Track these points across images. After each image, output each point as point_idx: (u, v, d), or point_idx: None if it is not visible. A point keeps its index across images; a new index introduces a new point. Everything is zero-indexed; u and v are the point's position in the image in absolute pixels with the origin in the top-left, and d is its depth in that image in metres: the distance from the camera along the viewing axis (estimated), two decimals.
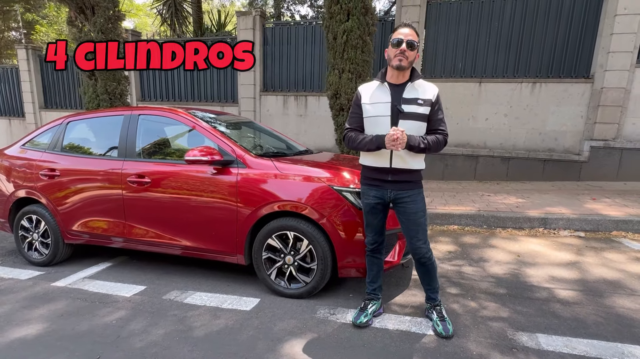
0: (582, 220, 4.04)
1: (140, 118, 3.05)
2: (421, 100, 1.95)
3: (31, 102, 9.23)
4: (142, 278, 3.00)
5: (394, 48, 1.92)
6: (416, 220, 2.03)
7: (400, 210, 2.06)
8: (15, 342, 2.11)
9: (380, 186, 2.07)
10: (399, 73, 1.97)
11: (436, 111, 1.99)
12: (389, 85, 2.00)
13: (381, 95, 2.01)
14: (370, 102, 2.04)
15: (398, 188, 2.03)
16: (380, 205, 2.10)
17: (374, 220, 2.14)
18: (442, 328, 2.06)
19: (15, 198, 3.34)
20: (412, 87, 1.98)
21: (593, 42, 5.75)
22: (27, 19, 13.06)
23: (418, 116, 1.95)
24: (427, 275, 2.16)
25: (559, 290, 2.62)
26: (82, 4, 5.42)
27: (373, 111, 2.02)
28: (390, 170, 2.02)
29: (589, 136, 5.84)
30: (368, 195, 2.13)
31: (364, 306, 2.24)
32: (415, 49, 1.93)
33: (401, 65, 1.91)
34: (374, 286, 2.26)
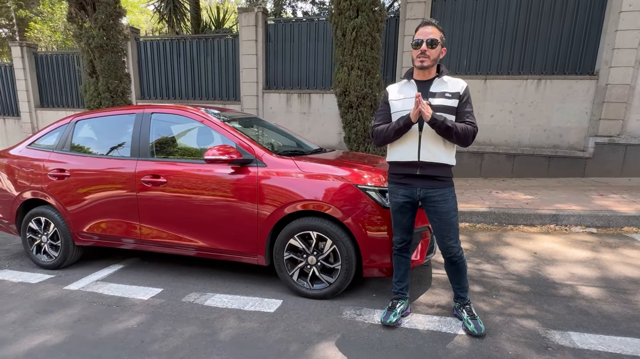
0: (593, 216, 4.06)
1: (153, 116, 2.98)
2: (449, 94, 1.93)
3: (26, 100, 9.02)
4: (157, 280, 2.94)
5: (415, 49, 1.93)
6: (448, 219, 2.00)
7: (431, 209, 2.03)
8: (35, 349, 2.04)
9: (409, 185, 2.04)
10: (424, 72, 1.98)
11: (464, 103, 1.96)
12: (416, 82, 2.01)
13: (408, 91, 2.01)
14: (397, 98, 2.05)
15: (427, 186, 2.00)
16: (409, 204, 2.07)
17: (402, 219, 2.11)
18: (474, 327, 2.04)
19: (23, 200, 3.25)
20: (439, 81, 1.98)
21: (598, 38, 5.77)
22: (20, 16, 12.77)
23: (446, 108, 1.93)
24: (457, 274, 2.14)
25: (583, 287, 2.61)
26: (82, 1, 5.29)
27: (400, 106, 2.02)
28: (419, 163, 1.98)
29: (594, 132, 5.87)
30: (396, 194, 2.09)
31: (392, 305, 2.21)
32: (437, 45, 1.91)
33: (423, 66, 1.93)
34: (401, 285, 2.23)
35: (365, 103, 4.71)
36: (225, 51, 7.59)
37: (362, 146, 4.85)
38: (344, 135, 5.03)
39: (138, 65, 8.10)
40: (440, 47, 1.93)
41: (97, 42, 5.32)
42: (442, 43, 1.94)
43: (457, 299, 2.21)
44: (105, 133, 3.21)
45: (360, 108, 4.71)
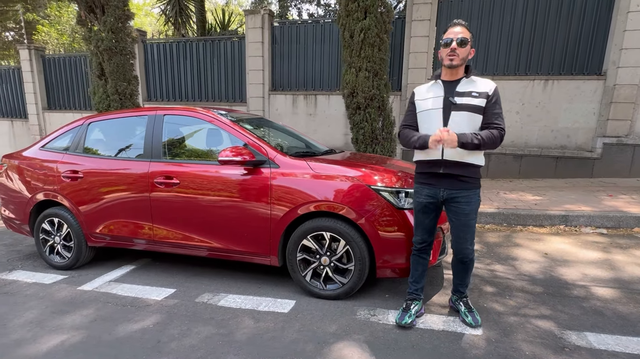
0: (603, 217, 4.04)
1: (165, 118, 3.00)
2: (476, 93, 1.92)
3: (34, 103, 9.10)
4: (170, 280, 2.96)
5: (445, 48, 1.93)
6: (467, 221, 2.01)
7: (452, 210, 2.04)
8: (54, 349, 2.06)
9: (433, 185, 2.05)
10: (452, 71, 1.98)
11: (492, 104, 1.94)
12: (443, 82, 2.02)
13: (435, 90, 2.03)
14: (423, 97, 2.07)
15: (451, 187, 2.00)
16: (433, 205, 2.08)
17: (425, 219, 2.12)
18: (471, 319, 2.12)
19: (36, 201, 3.28)
20: (467, 81, 1.97)
21: (605, 38, 5.75)
22: (27, 19, 12.89)
23: (472, 107, 1.92)
24: (463, 273, 2.17)
25: (596, 287, 2.60)
26: (92, 3, 5.34)
27: (425, 105, 2.04)
28: (442, 162, 1.98)
29: (602, 133, 5.85)
30: (420, 194, 2.11)
31: (407, 306, 2.22)
32: (467, 45, 1.92)
33: (452, 64, 1.92)
34: (417, 286, 2.24)
35: (373, 104, 4.72)
36: (232, 53, 7.63)
37: (370, 147, 4.85)
38: (352, 136, 5.04)
39: (145, 67, 8.16)
40: (469, 47, 1.93)
41: (106, 44, 5.37)
42: (471, 43, 1.95)
43: (456, 292, 2.26)
44: (118, 135, 3.24)
45: (368, 109, 4.72)
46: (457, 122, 1.94)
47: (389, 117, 4.91)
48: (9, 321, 2.39)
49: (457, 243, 2.08)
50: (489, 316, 2.24)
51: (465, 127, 1.93)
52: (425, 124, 2.06)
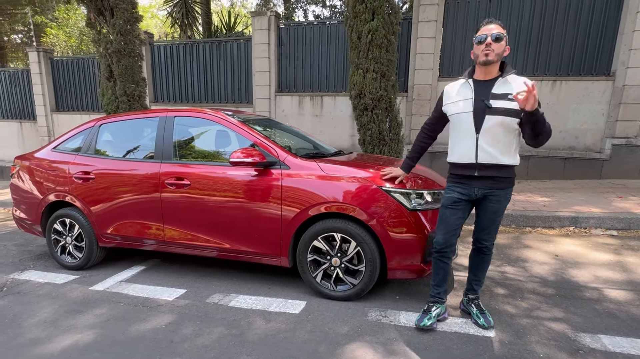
0: (613, 219, 4.01)
1: (176, 120, 3.03)
2: (512, 96, 1.83)
3: (43, 104, 9.20)
4: (180, 281, 2.97)
5: (479, 44, 1.88)
6: (494, 218, 2.02)
7: (481, 205, 2.03)
8: (69, 348, 2.08)
9: (467, 184, 2.01)
10: (486, 69, 1.91)
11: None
12: (474, 82, 1.95)
13: (464, 92, 1.97)
14: (452, 100, 2.03)
15: (486, 186, 1.96)
16: (464, 202, 2.02)
17: (451, 216, 2.04)
18: (483, 320, 2.10)
19: (48, 202, 3.32)
20: (503, 81, 1.88)
21: (614, 39, 5.71)
22: (36, 22, 13.06)
23: (508, 111, 1.83)
24: (481, 265, 2.17)
25: (609, 290, 2.58)
26: (101, 6, 5.39)
27: (455, 109, 2.00)
28: (476, 165, 1.94)
29: (611, 134, 5.81)
30: (453, 190, 2.06)
31: (428, 308, 2.19)
32: (502, 41, 1.85)
33: (488, 60, 1.85)
34: (438, 289, 2.20)
35: (381, 105, 4.72)
36: (238, 54, 7.66)
37: (377, 148, 4.85)
38: (359, 137, 5.04)
39: (152, 69, 8.22)
40: (504, 43, 1.87)
41: (114, 47, 5.42)
42: (506, 40, 1.88)
43: (469, 292, 2.24)
44: (129, 137, 3.27)
45: (376, 110, 4.72)
46: (490, 127, 1.87)
47: (396, 118, 4.90)
48: (23, 320, 2.41)
49: (478, 233, 2.09)
50: (501, 318, 2.23)
51: (499, 134, 1.87)
52: (457, 129, 2.01)
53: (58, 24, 13.95)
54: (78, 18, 13.90)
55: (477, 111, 1.90)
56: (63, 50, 12.59)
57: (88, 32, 11.47)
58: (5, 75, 9.68)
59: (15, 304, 2.65)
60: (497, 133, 1.88)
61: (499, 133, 1.88)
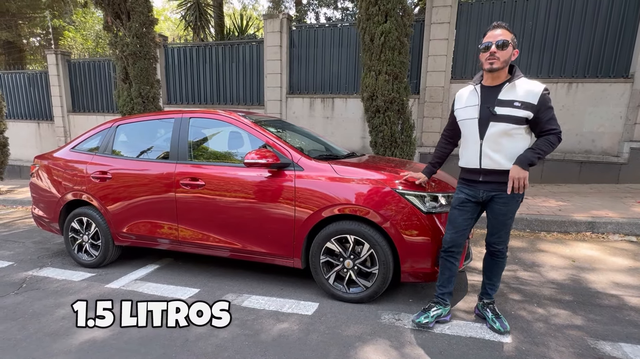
0: (632, 224, 3.91)
1: (191, 121, 3.07)
2: (518, 103, 1.84)
3: (60, 105, 9.41)
4: (194, 280, 3.00)
5: (484, 52, 1.89)
6: (504, 221, 2.02)
7: (490, 208, 2.05)
8: (85, 344, 2.12)
9: (474, 187, 2.06)
10: (493, 75, 1.93)
11: (544, 113, 1.85)
12: (482, 88, 1.98)
13: (471, 98, 2.02)
14: (461, 106, 2.08)
15: (492, 189, 2.00)
16: (471, 203, 2.06)
17: (459, 217, 2.09)
18: (499, 325, 2.08)
19: (66, 201, 3.39)
20: (509, 87, 1.88)
21: (633, 40, 5.58)
22: (54, 25, 13.42)
23: (511, 119, 1.84)
24: (495, 268, 2.16)
25: (628, 297, 2.52)
26: (118, 9, 5.51)
27: (463, 115, 2.06)
28: (481, 171, 1.99)
29: (629, 137, 5.67)
30: (461, 191, 2.12)
31: (428, 307, 2.20)
32: (508, 47, 1.85)
33: (492, 68, 1.88)
34: (443, 290, 2.20)
35: (393, 107, 4.71)
36: (250, 57, 7.73)
37: (389, 150, 4.83)
38: (370, 139, 5.04)
39: (165, 71, 8.35)
40: (511, 48, 1.86)
41: (130, 49, 5.53)
42: (513, 44, 1.87)
43: (484, 296, 2.23)
44: (145, 137, 3.33)
45: (388, 112, 4.71)
46: (493, 133, 1.89)
47: (408, 120, 4.88)
48: (42, 316, 2.47)
49: (490, 236, 2.09)
50: (517, 324, 2.20)
51: (503, 140, 1.88)
52: (464, 135, 2.10)
53: (75, 27, 14.29)
54: (95, 21, 14.23)
55: (482, 118, 1.93)
56: (80, 52, 12.89)
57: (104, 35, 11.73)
58: (24, 77, 9.95)
59: (34, 300, 2.72)
60: (500, 140, 1.89)
61: (503, 140, 1.90)
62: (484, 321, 2.22)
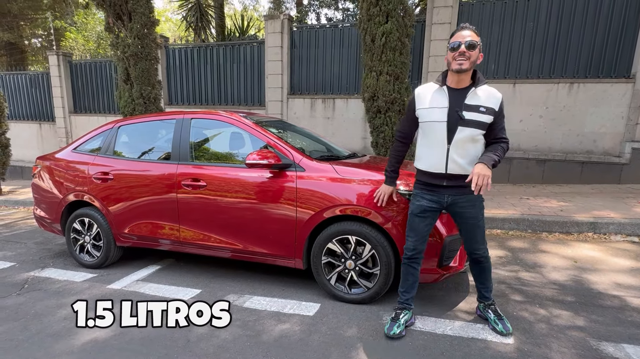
0: (634, 225, 3.90)
1: (193, 122, 3.07)
2: (483, 108, 1.87)
3: (61, 106, 9.44)
4: (195, 281, 3.01)
5: (453, 52, 1.86)
6: (476, 223, 2.01)
7: (458, 213, 2.03)
8: (87, 345, 2.12)
9: (437, 192, 2.01)
10: (459, 77, 1.90)
11: (500, 119, 1.92)
12: (449, 90, 1.93)
13: (439, 100, 1.94)
14: (426, 106, 1.97)
15: (455, 193, 1.98)
16: (433, 209, 2.03)
17: (420, 223, 2.06)
18: (501, 327, 2.06)
19: (68, 202, 3.40)
20: (475, 92, 1.90)
21: (634, 41, 5.57)
22: (55, 26, 13.46)
23: (478, 124, 1.87)
24: (483, 274, 2.15)
25: (630, 297, 2.51)
26: (119, 11, 5.52)
27: (429, 116, 1.96)
28: (446, 175, 1.96)
29: (630, 137, 5.66)
30: (422, 197, 2.06)
31: (396, 316, 2.16)
32: (476, 49, 1.85)
33: (462, 69, 1.84)
34: (407, 296, 2.18)
35: (394, 108, 4.71)
36: (251, 57, 7.74)
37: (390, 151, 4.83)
38: (372, 140, 5.04)
39: (166, 71, 8.37)
40: (478, 50, 1.87)
41: (132, 50, 5.54)
42: (480, 48, 1.88)
43: (482, 298, 2.21)
44: (147, 138, 3.33)
45: (389, 113, 4.71)
46: (461, 139, 1.89)
47: None
48: (44, 316, 2.47)
49: (469, 244, 2.08)
50: (519, 325, 2.19)
51: (469, 145, 1.91)
52: (428, 137, 1.99)
53: (77, 28, 14.33)
54: (96, 22, 14.27)
55: (450, 121, 1.89)
56: (81, 53, 12.93)
57: (106, 36, 11.76)
58: (26, 78, 9.98)
59: (36, 301, 2.72)
60: (466, 145, 1.90)
61: (469, 145, 1.91)
62: (485, 322, 2.22)
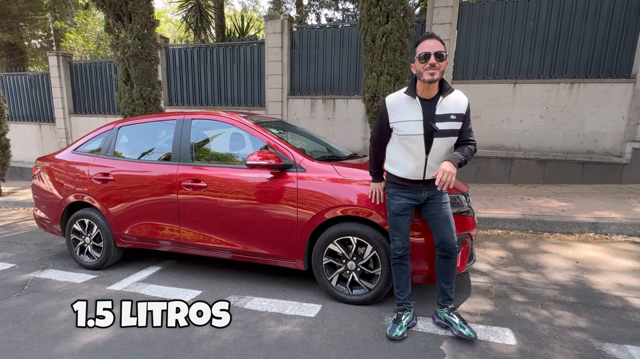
0: (635, 225, 3.89)
1: (193, 123, 3.06)
2: (454, 116, 1.93)
3: (61, 107, 9.43)
4: (195, 282, 3.00)
5: (422, 62, 1.86)
6: (448, 218, 2.07)
7: (430, 206, 2.08)
8: (88, 347, 2.11)
9: (414, 189, 2.08)
10: (429, 87, 1.92)
11: (467, 122, 1.99)
12: (420, 101, 1.94)
13: (413, 112, 1.95)
14: (400, 119, 1.98)
15: (431, 188, 2.06)
16: (412, 207, 2.10)
17: (403, 222, 2.10)
18: (469, 331, 2.01)
19: (68, 203, 3.39)
20: (443, 102, 1.94)
21: (635, 41, 5.57)
22: (55, 27, 13.45)
23: (452, 132, 1.94)
24: (451, 270, 2.13)
25: (633, 298, 2.50)
26: (119, 11, 5.51)
27: (406, 130, 1.97)
28: (424, 181, 2.05)
29: (631, 137, 5.65)
30: (400, 196, 2.10)
31: (397, 317, 2.15)
32: (444, 59, 1.87)
33: (433, 79, 1.86)
34: (404, 295, 2.20)
35: None
36: (251, 58, 7.74)
37: None
38: None
39: (166, 72, 8.36)
40: (445, 60, 1.90)
41: (132, 51, 5.53)
42: (446, 56, 1.91)
43: (446, 301, 2.15)
44: (147, 139, 3.32)
45: None
46: (438, 148, 1.97)
47: None
48: (44, 318, 2.47)
49: (441, 235, 2.07)
50: (521, 326, 2.19)
51: (444, 152, 1.98)
52: (405, 147, 2.02)
53: (77, 29, 14.32)
54: (96, 23, 14.26)
55: (426, 134, 1.94)
56: (81, 54, 12.93)
57: (106, 37, 11.76)
58: (25, 79, 9.97)
59: (36, 302, 2.71)
60: (442, 152, 1.99)
61: (444, 152, 1.99)
62: (490, 324, 2.20)
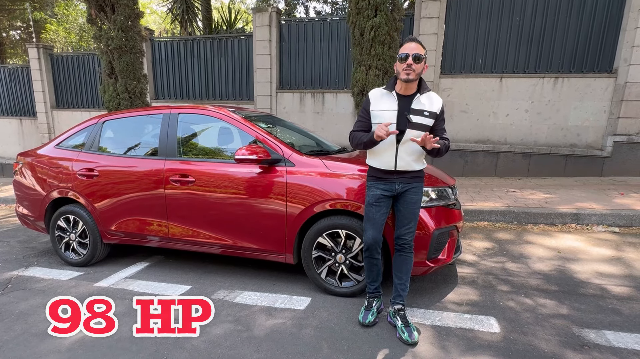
0: (615, 216, 4.02)
1: (180, 117, 3.02)
2: (427, 112, 2.04)
3: (43, 101, 9.16)
4: (185, 277, 2.98)
5: (401, 62, 1.98)
6: (413, 210, 2.13)
7: (401, 200, 2.14)
8: (75, 344, 2.09)
9: (388, 181, 2.14)
10: (407, 85, 2.03)
11: (440, 121, 2.12)
12: (397, 95, 2.06)
13: (389, 103, 2.08)
14: (378, 109, 2.10)
15: (405, 182, 2.13)
16: (386, 198, 2.15)
17: (376, 213, 2.13)
18: (407, 335, 1.99)
19: (52, 199, 3.32)
20: (419, 99, 2.05)
21: (617, 36, 5.70)
22: (35, 18, 12.99)
23: (423, 127, 2.04)
24: (405, 266, 2.16)
25: (611, 286, 2.60)
26: (102, 2, 5.37)
27: (380, 118, 2.09)
28: (395, 172, 2.11)
29: (612, 131, 5.81)
30: (375, 188, 2.16)
31: (369, 304, 2.25)
32: (422, 61, 1.97)
33: (409, 79, 1.97)
34: (375, 285, 2.27)
35: None
36: (239, 51, 7.64)
37: None
38: None
39: (152, 65, 8.19)
40: (424, 62, 2.00)
41: (116, 43, 5.40)
42: (425, 59, 2.01)
43: (396, 299, 2.16)
44: (133, 133, 3.27)
45: None
46: (409, 139, 2.03)
47: None
48: (29, 316, 2.42)
49: (400, 229, 2.13)
50: (506, 315, 2.25)
51: (415, 144, 2.03)
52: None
53: (58, 20, 13.86)
54: (78, 14, 13.84)
55: (400, 123, 2.03)
56: (63, 46, 12.54)
57: (88, 29, 11.44)
58: (4, 72, 9.64)
59: (20, 300, 2.66)
60: (411, 146, 2.06)
61: (415, 145, 2.04)
62: (475, 313, 2.26)
